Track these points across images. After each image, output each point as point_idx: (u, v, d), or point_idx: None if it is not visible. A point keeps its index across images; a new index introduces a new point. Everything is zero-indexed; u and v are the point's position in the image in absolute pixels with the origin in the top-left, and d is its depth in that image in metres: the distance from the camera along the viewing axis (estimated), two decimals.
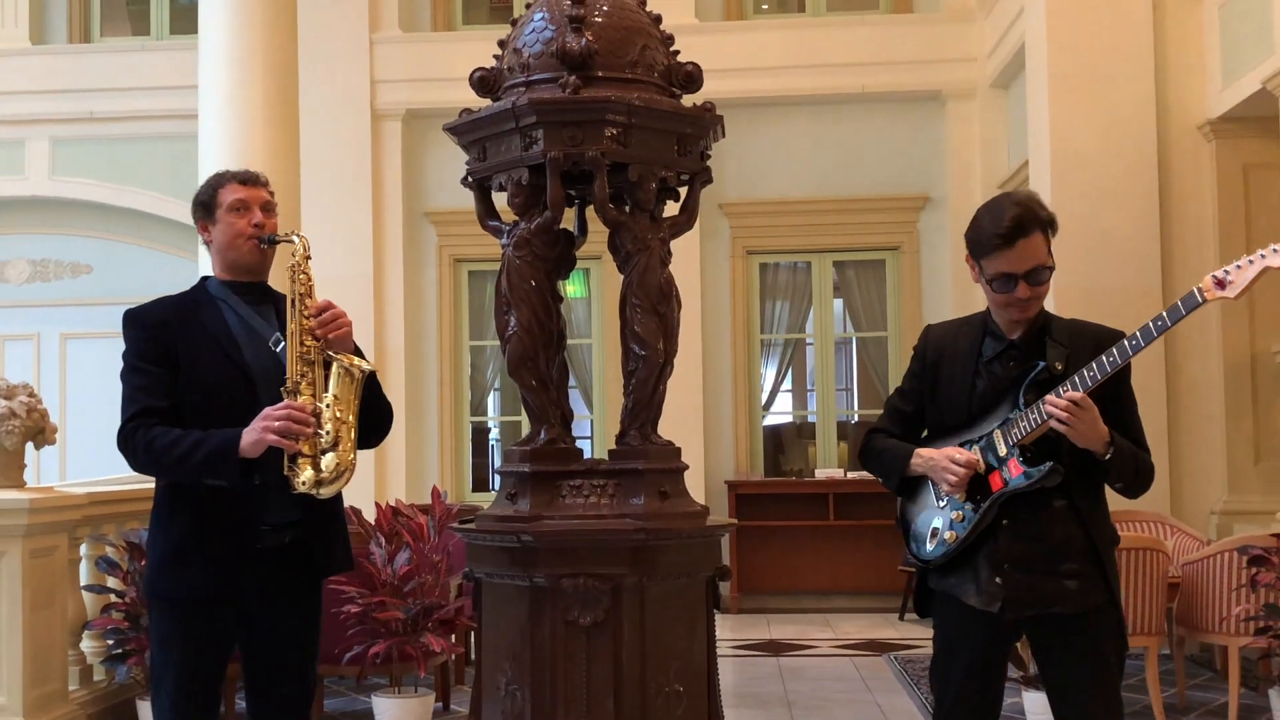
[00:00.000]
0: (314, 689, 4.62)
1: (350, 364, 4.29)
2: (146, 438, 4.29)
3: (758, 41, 14.41)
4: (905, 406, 4.53)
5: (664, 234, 4.65)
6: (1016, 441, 4.10)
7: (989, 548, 4.18)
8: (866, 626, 12.49)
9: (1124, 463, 4.07)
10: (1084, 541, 4.12)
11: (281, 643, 4.42)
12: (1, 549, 7.46)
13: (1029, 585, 4.12)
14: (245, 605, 4.36)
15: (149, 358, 4.41)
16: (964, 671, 4.33)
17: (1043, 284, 4.17)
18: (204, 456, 4.22)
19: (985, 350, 4.31)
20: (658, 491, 4.51)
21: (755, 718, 8.50)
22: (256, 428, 4.17)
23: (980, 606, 4.18)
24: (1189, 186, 11.10)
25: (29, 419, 7.70)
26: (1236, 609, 7.87)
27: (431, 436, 14.60)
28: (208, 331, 4.44)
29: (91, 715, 8.06)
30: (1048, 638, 4.23)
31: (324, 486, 4.23)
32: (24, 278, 15.68)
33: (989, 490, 4.16)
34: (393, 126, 14.65)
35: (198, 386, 4.37)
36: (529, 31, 4.61)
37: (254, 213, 4.47)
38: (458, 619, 7.70)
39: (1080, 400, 3.93)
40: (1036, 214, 4.16)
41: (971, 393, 4.29)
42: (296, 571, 4.38)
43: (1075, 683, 4.18)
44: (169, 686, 4.39)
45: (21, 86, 15.16)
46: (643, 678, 4.39)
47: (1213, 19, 10.94)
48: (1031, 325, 4.25)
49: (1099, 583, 4.11)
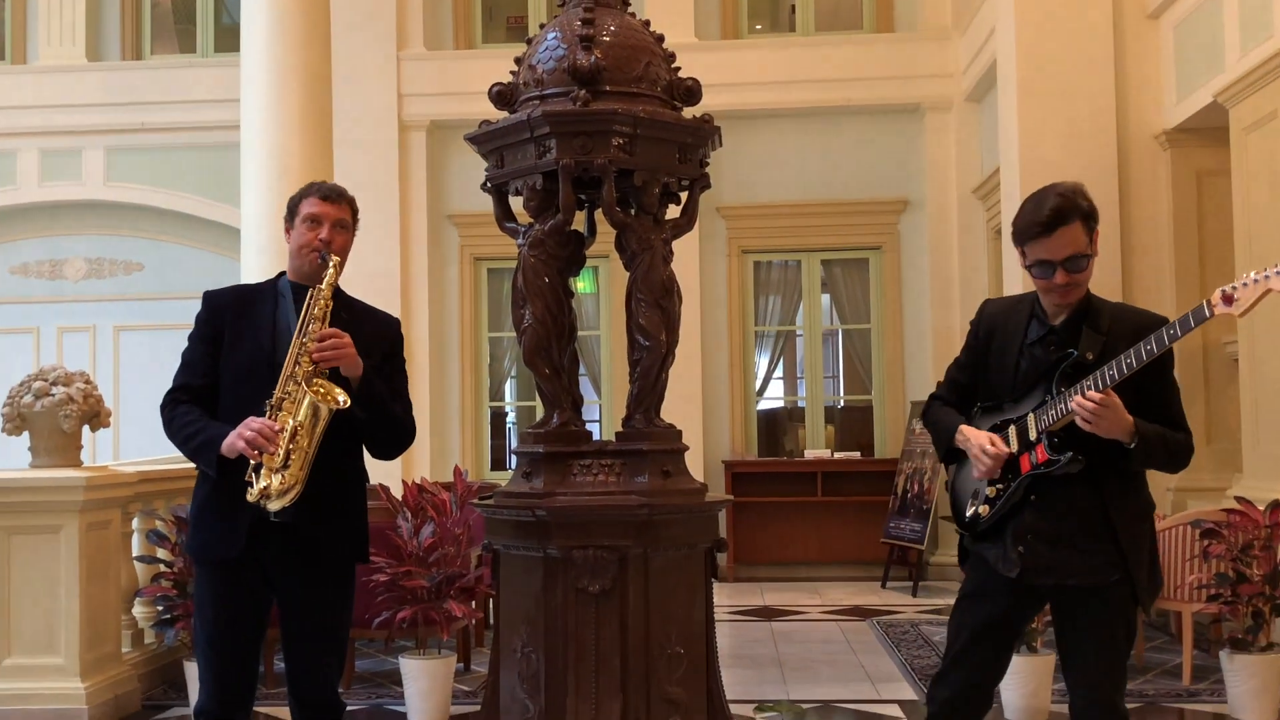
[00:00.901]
0: (344, 653, 4.61)
1: (320, 399, 4.18)
2: (171, 412, 4.39)
3: (752, 59, 14.40)
4: (960, 377, 4.47)
5: (666, 235, 4.65)
6: (1045, 428, 4.05)
7: (1016, 521, 4.14)
8: (851, 594, 12.48)
9: (1150, 449, 3.98)
10: (1102, 522, 4.06)
11: (309, 609, 4.42)
12: (60, 523, 7.47)
13: (1049, 556, 4.08)
14: (268, 572, 4.36)
15: (201, 337, 4.48)
16: (980, 623, 4.28)
17: (1081, 271, 4.09)
18: (196, 444, 4.29)
19: (1030, 333, 4.23)
20: (661, 470, 4.51)
21: (750, 677, 8.49)
22: (236, 433, 4.17)
23: (1003, 571, 4.15)
24: (1146, 192, 11.08)
25: (85, 404, 7.71)
26: (1190, 578, 7.86)
27: (454, 420, 14.60)
28: (256, 322, 4.45)
29: (142, 675, 8.07)
30: (1064, 607, 4.20)
31: (269, 501, 4.15)
32: (81, 274, 15.69)
33: (1019, 471, 4.13)
34: (418, 136, 14.63)
35: (230, 369, 4.41)
36: (543, 50, 4.61)
37: (323, 228, 4.46)
38: (478, 587, 7.69)
39: (1101, 400, 3.88)
40: (1077, 204, 4.10)
41: (1015, 372, 4.23)
42: (309, 552, 4.36)
43: (1083, 651, 4.14)
44: (203, 642, 4.41)
45: (79, 100, 15.19)
46: (647, 641, 4.39)
47: (1168, 38, 10.92)
48: (1074, 311, 4.17)
49: (1114, 559, 4.04)
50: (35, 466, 7.67)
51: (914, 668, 8.54)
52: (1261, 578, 7.11)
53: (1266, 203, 9.07)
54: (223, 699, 4.36)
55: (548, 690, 4.41)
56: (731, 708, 4.70)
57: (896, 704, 7.61)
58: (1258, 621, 7.13)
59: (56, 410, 7.58)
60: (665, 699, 4.42)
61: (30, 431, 7.66)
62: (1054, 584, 4.13)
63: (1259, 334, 9.22)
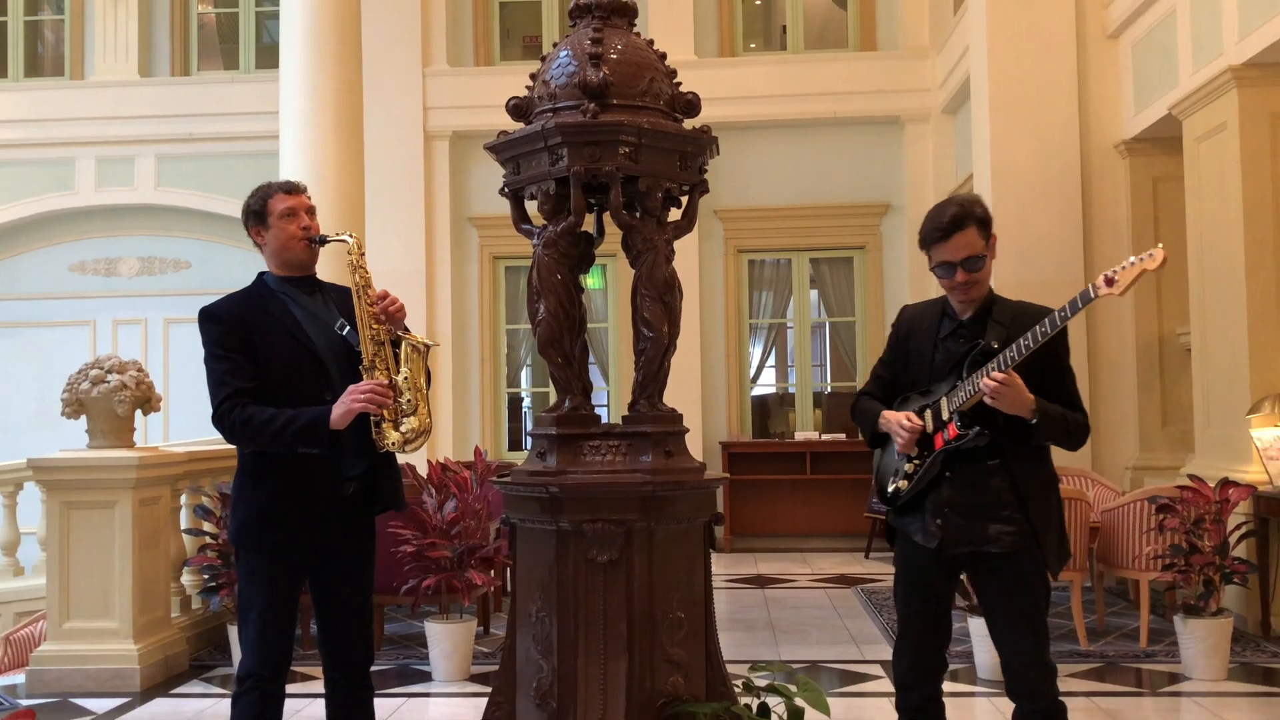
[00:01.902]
0: (372, 612, 4.61)
1: (416, 341, 4.30)
2: (243, 415, 4.25)
3: (746, 74, 14.37)
4: (884, 373, 4.53)
5: (668, 235, 4.63)
6: (956, 408, 4.10)
7: (934, 495, 4.19)
8: (838, 563, 12.47)
9: (1051, 425, 4.04)
10: (1011, 494, 4.10)
11: (344, 576, 4.42)
12: (114, 499, 7.48)
13: (964, 528, 4.12)
14: (315, 545, 4.36)
15: (231, 347, 4.36)
16: (916, 595, 4.34)
17: (978, 270, 4.16)
18: (298, 429, 4.19)
19: (943, 329, 4.30)
20: (663, 451, 4.50)
21: (745, 639, 8.49)
22: (345, 402, 4.17)
23: (923, 543, 4.20)
24: (1107, 196, 11.07)
25: (138, 390, 7.71)
26: (1147, 549, 7.86)
27: (474, 404, 14.60)
28: (278, 321, 4.40)
29: (190, 638, 8.08)
30: (982, 572, 4.21)
31: (408, 445, 4.25)
32: (134, 272, 15.68)
33: (934, 448, 4.17)
34: (441, 146, 14.63)
35: (275, 367, 4.33)
36: (555, 66, 4.59)
37: (301, 217, 4.45)
38: (496, 557, 7.69)
39: (1003, 379, 3.94)
40: (973, 211, 4.18)
41: (931, 364, 4.28)
42: (359, 511, 4.37)
43: (1005, 612, 4.17)
44: (254, 615, 4.37)
45: (132, 112, 15.20)
46: (651, 606, 4.38)
47: (1127, 56, 10.90)
48: (980, 308, 4.23)
49: (1024, 528, 4.08)
50: (92, 447, 7.68)
51: (894, 631, 8.50)
52: (1212, 549, 7.11)
53: (1215, 206, 9.08)
54: (267, 663, 4.37)
55: (560, 651, 4.40)
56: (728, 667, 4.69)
57: (878, 664, 7.60)
58: (1208, 589, 7.14)
59: (112, 396, 7.58)
60: (667, 660, 4.42)
61: (88, 415, 7.66)
62: (970, 553, 4.14)
63: (1210, 326, 9.22)
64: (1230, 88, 8.75)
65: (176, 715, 6.83)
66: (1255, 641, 8.07)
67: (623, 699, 4.31)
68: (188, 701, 7.14)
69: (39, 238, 15.69)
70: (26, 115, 15.32)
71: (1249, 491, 7.56)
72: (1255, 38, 8.40)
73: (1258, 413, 8.47)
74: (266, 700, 4.39)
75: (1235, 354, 8.81)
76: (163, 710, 6.94)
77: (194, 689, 7.44)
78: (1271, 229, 8.66)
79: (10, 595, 10.06)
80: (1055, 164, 11.07)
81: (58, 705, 7.04)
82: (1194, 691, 6.92)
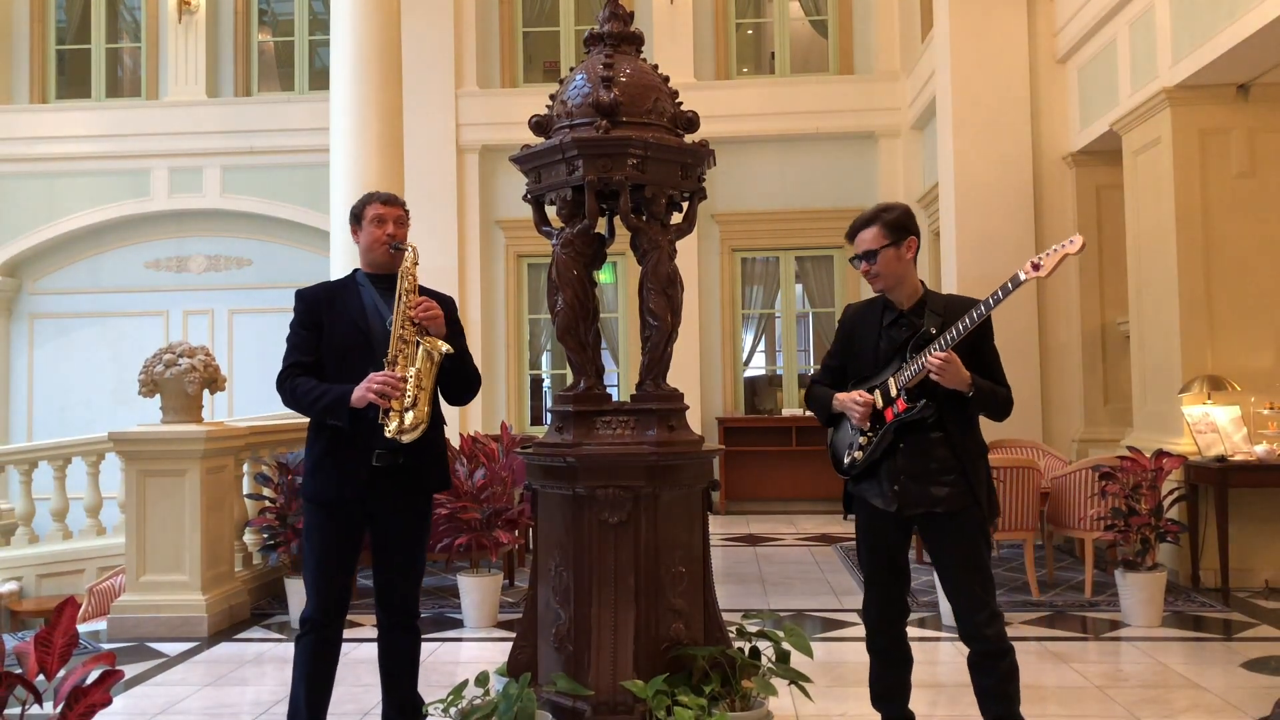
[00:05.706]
0: (423, 569, 4.60)
1: (431, 348, 4.25)
2: (292, 384, 4.33)
3: (740, 95, 14.33)
4: (833, 363, 4.49)
5: (671, 236, 4.63)
6: (903, 385, 4.10)
7: (889, 464, 4.19)
8: (820, 524, 12.47)
9: (985, 398, 4.08)
10: (954, 461, 4.12)
11: (398, 536, 4.41)
12: (185, 468, 7.49)
13: (916, 492, 4.13)
14: (369, 507, 4.35)
15: (304, 324, 4.42)
16: (876, 553, 4.33)
17: (872, 263, 4.18)
18: (326, 403, 4.25)
19: (885, 318, 4.28)
20: (667, 425, 4.51)
21: (738, 591, 8.49)
22: (363, 386, 4.18)
23: (882, 507, 4.21)
24: (1056, 203, 11.03)
25: (205, 372, 7.71)
26: (1091, 511, 7.84)
27: (500, 384, 14.59)
28: (347, 308, 4.42)
29: (251, 590, 8.09)
30: (932, 531, 4.21)
31: (404, 435, 4.19)
32: (202, 269, 15.67)
33: (884, 421, 4.17)
34: (472, 158, 14.60)
35: (333, 347, 4.37)
36: (572, 88, 4.59)
37: (388, 225, 4.45)
38: (520, 519, 7.70)
39: (946, 357, 3.96)
40: (880, 214, 4.22)
41: (876, 350, 4.26)
42: (405, 485, 4.36)
43: (954, 564, 4.17)
44: (311, 566, 4.39)
45: (200, 128, 15.18)
46: (656, 562, 4.39)
47: (1074, 78, 10.87)
48: (918, 300, 4.23)
49: (966, 491, 4.10)
50: (165, 422, 7.68)
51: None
52: (1148, 511, 7.10)
53: (1151, 211, 9.05)
54: (325, 608, 4.38)
55: (576, 601, 4.41)
56: (723, 616, 4.69)
57: (854, 612, 7.60)
58: (1145, 546, 7.14)
59: (182, 377, 7.59)
60: (670, 609, 4.43)
61: (161, 394, 7.67)
62: (923, 513, 4.15)
63: (1146, 316, 9.19)
64: (1164, 107, 8.73)
65: (239, 657, 6.84)
66: (1186, 593, 8.06)
67: (631, 643, 4.32)
68: (249, 645, 7.15)
69: (118, 239, 15.68)
70: (107, 131, 15.31)
71: (1180, 461, 7.57)
72: (1186, 63, 8.38)
73: (1188, 392, 8.47)
74: (323, 642, 4.40)
75: (1168, 340, 8.79)
76: (227, 653, 6.95)
77: (254, 634, 7.45)
78: (1200, 231, 8.64)
79: (94, 552, 10.09)
80: (1011, 174, 11.05)
81: (135, 649, 7.05)
82: (1132, 637, 6.91)
